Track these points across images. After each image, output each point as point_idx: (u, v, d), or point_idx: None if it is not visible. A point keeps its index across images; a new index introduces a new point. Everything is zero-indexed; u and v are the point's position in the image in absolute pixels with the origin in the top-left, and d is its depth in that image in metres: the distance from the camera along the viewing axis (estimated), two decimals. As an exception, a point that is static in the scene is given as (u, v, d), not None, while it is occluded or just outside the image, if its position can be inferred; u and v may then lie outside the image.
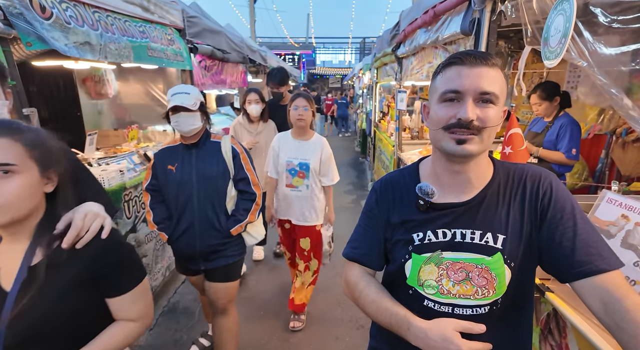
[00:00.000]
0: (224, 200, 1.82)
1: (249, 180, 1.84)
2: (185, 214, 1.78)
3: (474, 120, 0.75)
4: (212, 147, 1.82)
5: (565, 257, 0.76)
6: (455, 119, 0.77)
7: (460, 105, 0.77)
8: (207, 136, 1.83)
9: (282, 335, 2.46)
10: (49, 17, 1.72)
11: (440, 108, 0.80)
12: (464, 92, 0.76)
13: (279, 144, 2.45)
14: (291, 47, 19.26)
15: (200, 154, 1.79)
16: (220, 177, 1.79)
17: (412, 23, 2.79)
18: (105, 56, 2.14)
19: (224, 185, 1.80)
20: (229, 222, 1.82)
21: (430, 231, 0.84)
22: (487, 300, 0.81)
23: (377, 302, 0.86)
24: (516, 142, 1.52)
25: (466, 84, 0.76)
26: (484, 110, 0.76)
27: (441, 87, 0.80)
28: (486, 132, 0.77)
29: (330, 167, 2.42)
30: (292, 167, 2.38)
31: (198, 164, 1.77)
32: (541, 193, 0.82)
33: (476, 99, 0.76)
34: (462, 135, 0.77)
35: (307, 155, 2.36)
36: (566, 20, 1.04)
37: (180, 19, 3.20)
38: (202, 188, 1.77)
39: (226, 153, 1.80)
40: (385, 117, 5.85)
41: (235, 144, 1.85)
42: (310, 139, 2.43)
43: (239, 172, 1.82)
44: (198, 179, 1.76)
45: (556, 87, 2.49)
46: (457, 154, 0.79)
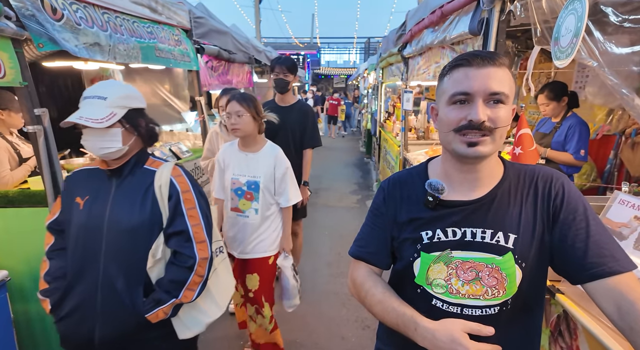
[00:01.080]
0: (144, 266, 1.19)
1: (190, 236, 1.21)
2: (83, 279, 1.19)
3: (485, 121, 0.75)
4: (142, 178, 1.22)
5: (577, 258, 0.76)
6: (466, 121, 0.77)
7: (470, 107, 0.77)
8: (139, 161, 1.24)
9: (288, 335, 2.47)
10: (60, 19, 1.74)
11: (450, 110, 0.80)
12: (474, 94, 0.76)
13: (224, 156, 1.99)
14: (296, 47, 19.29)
15: (123, 187, 1.22)
16: (144, 228, 1.19)
17: (418, 23, 2.79)
18: (114, 57, 2.16)
19: (147, 240, 1.19)
20: (145, 302, 1.19)
21: (440, 230, 0.84)
22: (497, 301, 0.80)
23: (383, 302, 0.86)
24: (526, 143, 1.51)
25: (475, 85, 0.76)
26: (495, 111, 0.76)
27: (449, 89, 0.80)
28: (498, 132, 0.77)
29: (287, 184, 1.96)
30: (238, 186, 1.91)
31: (115, 202, 1.20)
32: (553, 194, 0.81)
33: (486, 99, 0.76)
34: (473, 138, 0.77)
35: (257, 172, 1.90)
36: (577, 20, 1.04)
37: (187, 20, 3.22)
38: (114, 242, 1.18)
39: (160, 190, 1.20)
40: (391, 117, 5.84)
41: (178, 177, 1.23)
42: (261, 150, 1.95)
43: (174, 222, 1.20)
44: (110, 227, 1.18)
45: (564, 87, 2.47)
46: (469, 156, 0.78)
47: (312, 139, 2.78)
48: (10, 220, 1.82)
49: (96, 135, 1.13)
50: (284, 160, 1.97)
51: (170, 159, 2.93)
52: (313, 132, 2.78)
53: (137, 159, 1.23)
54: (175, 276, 1.20)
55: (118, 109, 1.15)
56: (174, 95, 4.53)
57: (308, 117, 2.79)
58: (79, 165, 2.54)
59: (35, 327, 1.87)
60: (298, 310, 2.71)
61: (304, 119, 2.76)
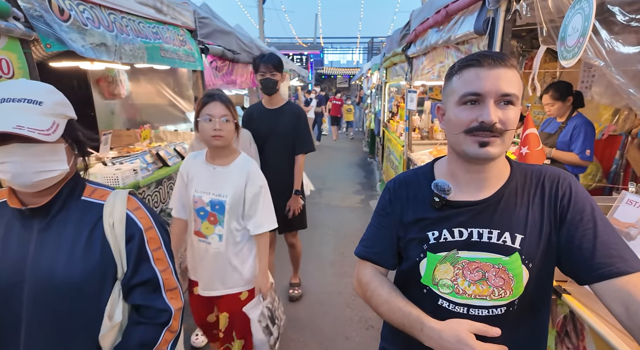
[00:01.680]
0: (95, 334, 0.88)
1: (159, 284, 0.94)
2: None
3: (496, 123, 0.75)
4: (80, 215, 0.90)
5: (585, 259, 0.75)
6: (478, 123, 0.76)
7: (481, 108, 0.76)
8: (75, 191, 0.91)
9: (292, 335, 2.47)
10: (67, 19, 1.75)
11: (460, 111, 0.79)
12: (485, 95, 0.76)
13: (188, 168, 1.67)
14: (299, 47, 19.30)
15: (51, 229, 0.87)
16: (90, 282, 0.87)
17: (423, 23, 2.78)
18: (120, 57, 2.18)
19: (95, 298, 0.88)
20: None
21: (446, 230, 0.84)
22: (504, 301, 0.80)
23: (389, 302, 0.86)
24: (532, 143, 1.50)
25: (486, 86, 0.75)
26: (505, 112, 0.76)
27: (460, 89, 0.79)
28: (508, 134, 0.77)
29: (259, 206, 1.62)
30: (200, 205, 1.59)
31: (41, 251, 0.85)
32: (560, 194, 0.81)
33: (497, 100, 0.76)
34: (484, 138, 0.76)
35: (223, 189, 1.58)
36: (584, 19, 1.03)
37: (192, 20, 3.23)
38: (42, 307, 0.84)
39: (113, 229, 0.89)
40: (395, 117, 5.83)
41: (136, 210, 0.93)
42: (231, 163, 1.63)
43: (138, 270, 0.91)
44: (34, 286, 0.84)
45: (569, 87, 2.46)
46: (480, 157, 0.78)
47: (305, 143, 2.51)
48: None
49: (32, 155, 0.79)
50: (259, 177, 1.64)
51: (175, 158, 2.94)
52: (305, 136, 2.51)
53: (71, 188, 0.90)
54: (145, 337, 0.91)
55: (59, 118, 0.83)
56: (179, 95, 4.55)
57: (300, 119, 2.51)
58: (85, 164, 2.56)
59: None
60: (302, 310, 2.72)
61: (295, 122, 2.48)
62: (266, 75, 2.39)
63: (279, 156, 2.47)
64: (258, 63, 2.44)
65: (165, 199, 2.63)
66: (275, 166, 2.45)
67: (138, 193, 2.28)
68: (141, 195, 2.33)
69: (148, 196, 2.40)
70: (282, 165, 2.34)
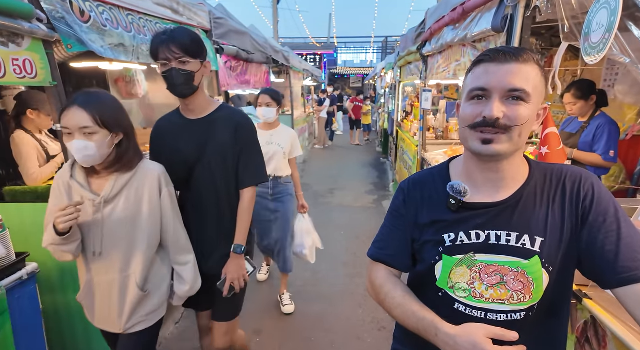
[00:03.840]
0: None
1: None
2: None
3: (500, 119, 0.73)
4: None
5: (608, 262, 0.72)
6: (481, 118, 0.75)
7: (486, 103, 0.75)
8: None
9: (304, 335, 2.47)
10: (87, 21, 1.80)
11: (467, 106, 0.79)
12: (491, 90, 0.74)
13: None
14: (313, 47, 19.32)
15: None
16: None
17: (439, 21, 2.74)
18: (138, 57, 2.22)
19: None
20: None
21: (463, 232, 0.82)
22: (523, 306, 0.78)
23: (403, 305, 0.84)
24: (553, 142, 1.46)
25: (493, 81, 0.74)
26: (513, 108, 0.74)
27: (470, 85, 0.79)
28: (515, 130, 0.74)
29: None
30: None
31: None
32: (582, 194, 0.78)
33: (504, 96, 0.74)
34: (487, 135, 0.75)
35: None
36: (610, 14, 0.99)
37: (207, 21, 3.27)
38: None
39: None
40: (408, 116, 5.77)
41: None
42: None
43: None
44: None
45: (592, 86, 2.38)
46: (484, 154, 0.77)
47: (255, 170, 1.59)
48: (39, 215, 1.89)
49: None
50: None
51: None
52: (253, 158, 1.59)
53: None
54: None
55: None
56: (194, 95, 4.61)
57: (244, 132, 1.55)
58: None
59: (62, 318, 1.94)
60: (314, 309, 2.72)
61: (236, 137, 1.53)
62: (171, 65, 1.38)
63: (211, 194, 1.54)
64: (155, 46, 1.41)
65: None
66: (205, 210, 1.56)
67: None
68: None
69: (163, 194, 2.44)
70: (215, 208, 1.54)
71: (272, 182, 2.64)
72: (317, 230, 2.90)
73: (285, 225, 2.71)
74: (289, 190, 2.73)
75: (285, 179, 2.70)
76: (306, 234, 2.78)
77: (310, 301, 2.85)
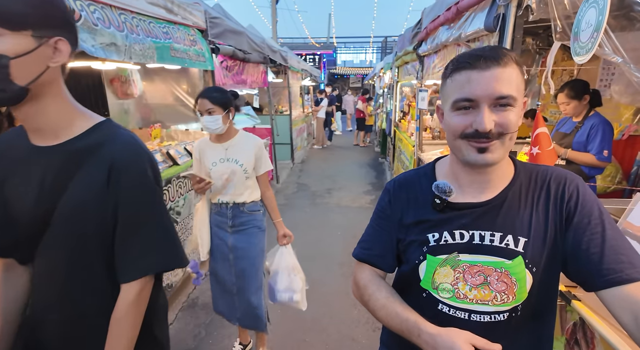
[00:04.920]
0: None
1: None
2: None
3: (492, 129, 0.72)
4: None
5: (592, 264, 0.71)
6: (472, 129, 0.73)
7: (476, 114, 0.73)
8: None
9: (298, 336, 2.46)
10: (78, 20, 1.78)
11: (454, 116, 0.76)
12: (478, 100, 0.72)
13: None
14: (312, 47, 19.30)
15: None
16: None
17: (434, 20, 2.73)
18: (130, 57, 2.21)
19: None
20: None
21: (447, 232, 0.81)
22: (506, 307, 0.77)
23: (387, 306, 0.83)
24: (543, 142, 1.45)
25: (478, 90, 0.71)
26: (503, 115, 0.72)
27: (452, 94, 0.76)
28: (507, 136, 0.74)
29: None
30: None
31: None
32: (567, 196, 0.77)
33: (492, 104, 0.72)
34: (482, 144, 0.73)
35: None
36: (599, 13, 0.99)
37: (202, 20, 3.26)
38: None
39: None
40: (406, 116, 5.76)
41: None
42: None
43: None
44: None
45: (585, 85, 2.37)
46: (479, 163, 0.75)
47: (144, 251, 0.88)
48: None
49: None
50: None
51: (185, 157, 2.98)
52: (142, 228, 0.88)
53: None
54: None
55: None
56: (190, 94, 4.61)
57: (123, 180, 0.85)
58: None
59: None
60: (308, 310, 2.70)
61: (109, 188, 0.84)
62: None
63: (56, 288, 0.88)
64: None
65: (174, 197, 2.66)
66: (48, 315, 0.90)
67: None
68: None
69: (157, 194, 2.43)
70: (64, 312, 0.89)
71: (230, 211, 1.98)
72: (314, 230, 2.88)
73: (248, 269, 2.04)
74: (255, 221, 2.04)
75: (250, 205, 2.00)
76: (293, 273, 2.13)
77: (305, 302, 2.83)
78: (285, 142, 7.38)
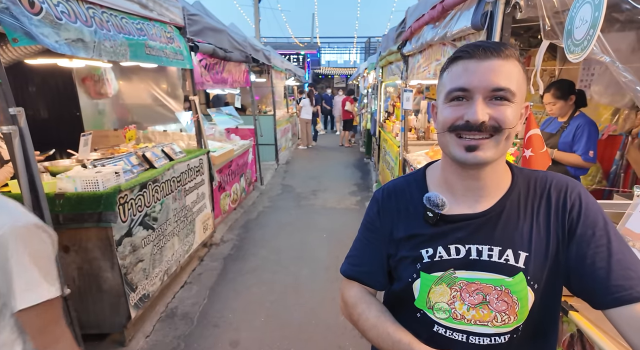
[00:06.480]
0: None
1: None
2: None
3: (485, 122, 0.65)
4: None
5: (599, 280, 0.66)
6: (463, 121, 0.67)
7: (469, 105, 0.67)
8: None
9: (283, 345, 2.37)
10: (38, 13, 1.64)
11: (446, 109, 0.70)
12: (473, 90, 0.66)
13: None
14: (296, 47, 19.15)
15: None
16: None
17: (418, 19, 2.69)
18: (100, 54, 2.07)
19: None
20: None
21: (442, 247, 0.74)
22: (508, 328, 0.71)
23: (377, 326, 0.76)
24: (536, 144, 1.40)
25: (474, 80, 0.66)
26: (498, 109, 0.66)
27: (447, 85, 0.70)
28: (502, 134, 0.67)
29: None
30: None
31: None
32: (569, 205, 0.71)
33: (487, 96, 0.66)
34: (472, 141, 0.67)
35: None
36: (595, 9, 0.94)
37: (180, 17, 3.12)
38: None
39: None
40: (391, 117, 5.74)
41: None
42: None
43: None
44: None
45: (571, 86, 2.37)
46: (468, 162, 0.69)
47: None
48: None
49: None
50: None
51: (162, 160, 2.84)
52: None
53: None
54: None
55: None
56: (169, 94, 4.44)
57: None
58: (65, 167, 2.44)
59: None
60: (293, 317, 2.62)
61: None
62: None
63: None
64: None
65: (150, 203, 2.52)
66: None
67: (120, 197, 2.18)
68: (123, 200, 2.21)
69: (131, 199, 2.29)
70: None
71: None
72: (300, 233, 2.80)
73: None
74: None
75: None
76: None
77: (290, 308, 2.74)
78: (270, 143, 7.25)
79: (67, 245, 2.11)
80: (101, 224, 2.08)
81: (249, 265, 3.40)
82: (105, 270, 2.16)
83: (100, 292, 2.19)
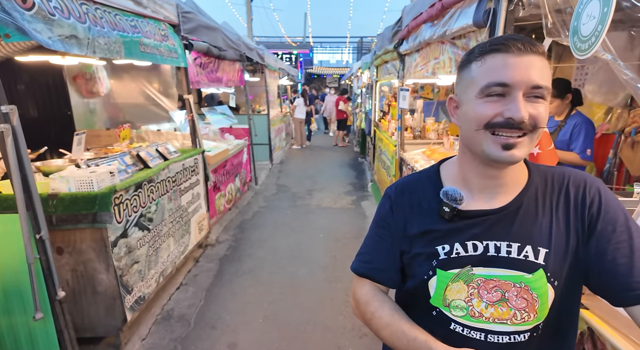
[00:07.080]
0: None
1: None
2: None
3: (525, 121, 0.64)
4: None
5: (621, 276, 0.65)
6: (503, 118, 0.65)
7: (508, 102, 0.65)
8: None
9: (282, 347, 2.34)
10: (30, 8, 1.59)
11: (481, 104, 0.67)
12: (514, 86, 0.64)
13: None
14: (289, 47, 19.11)
15: None
16: None
17: (416, 18, 2.68)
18: (94, 51, 2.02)
19: None
20: None
21: (459, 243, 0.73)
22: (527, 326, 0.69)
23: (391, 325, 0.74)
24: (544, 142, 1.41)
25: (516, 75, 0.63)
26: (536, 107, 0.65)
27: (481, 79, 0.67)
28: (536, 133, 0.66)
29: None
30: None
31: None
32: (588, 201, 0.70)
33: (527, 93, 0.64)
34: (510, 139, 0.65)
35: None
36: (603, 4, 0.94)
37: (174, 14, 3.07)
38: None
39: None
40: (386, 116, 5.75)
41: None
42: None
43: None
44: None
45: (568, 84, 2.39)
46: (503, 161, 0.67)
47: None
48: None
49: None
50: None
51: (157, 160, 2.78)
52: None
53: None
54: None
55: None
56: (162, 93, 4.38)
57: None
58: (58, 167, 2.38)
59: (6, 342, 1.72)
60: (291, 318, 2.60)
61: None
62: None
63: None
64: None
65: (146, 203, 2.47)
66: None
67: (115, 197, 2.13)
68: (118, 200, 2.16)
69: (126, 200, 2.24)
70: None
71: None
72: (296, 233, 2.78)
73: None
74: None
75: None
76: None
77: (288, 309, 2.72)
78: (264, 143, 7.21)
79: (60, 246, 2.05)
80: (96, 224, 2.03)
81: (245, 266, 3.37)
82: (100, 272, 2.11)
83: (95, 294, 2.14)
